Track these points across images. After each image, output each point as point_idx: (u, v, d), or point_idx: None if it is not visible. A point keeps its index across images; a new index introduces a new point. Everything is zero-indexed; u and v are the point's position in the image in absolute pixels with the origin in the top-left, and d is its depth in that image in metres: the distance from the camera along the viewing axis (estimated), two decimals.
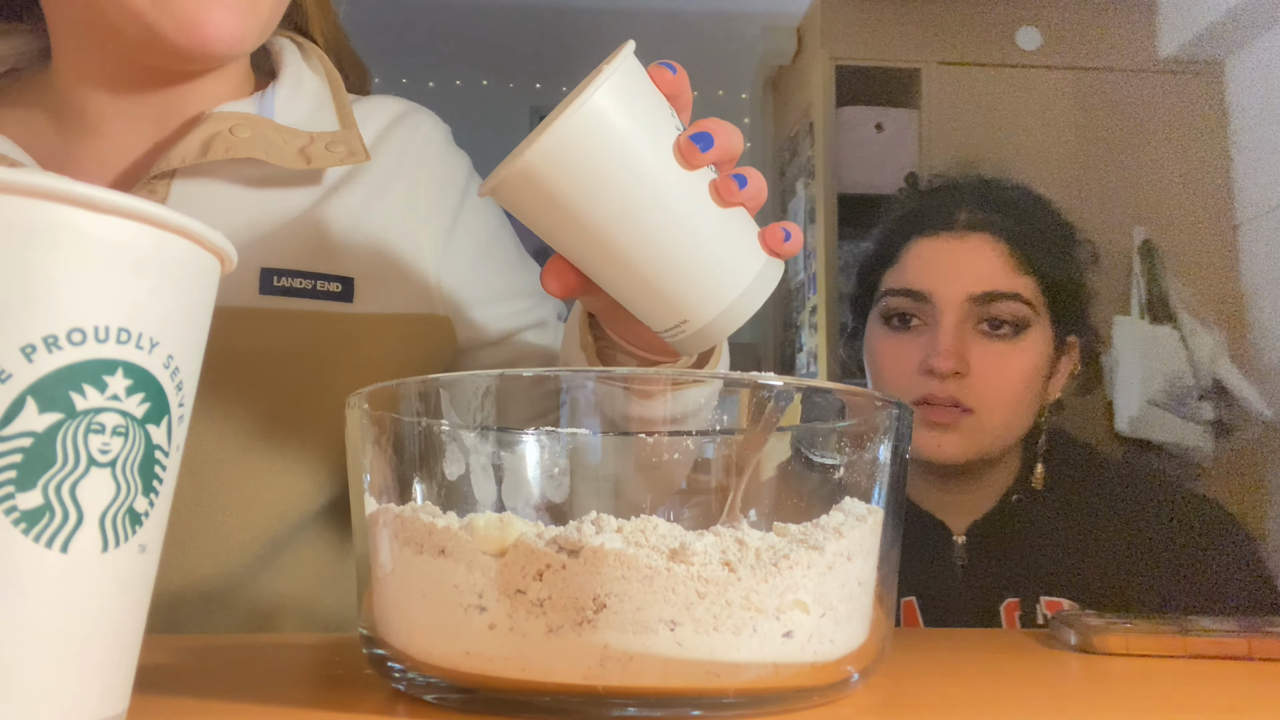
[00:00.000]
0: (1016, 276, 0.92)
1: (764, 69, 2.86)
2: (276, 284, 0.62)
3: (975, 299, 0.91)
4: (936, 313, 0.92)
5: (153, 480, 0.30)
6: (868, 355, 1.00)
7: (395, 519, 0.36)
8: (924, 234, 0.96)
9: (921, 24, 2.37)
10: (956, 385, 0.90)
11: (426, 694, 0.35)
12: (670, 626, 0.32)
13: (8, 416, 0.26)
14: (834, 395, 0.41)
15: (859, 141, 2.38)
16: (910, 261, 0.95)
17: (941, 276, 0.93)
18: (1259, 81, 2.26)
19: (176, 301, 0.30)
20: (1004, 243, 0.93)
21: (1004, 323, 0.92)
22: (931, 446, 0.92)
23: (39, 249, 0.26)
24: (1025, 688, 0.43)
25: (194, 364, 0.32)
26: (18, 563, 0.26)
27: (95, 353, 0.27)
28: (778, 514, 0.37)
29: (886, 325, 0.97)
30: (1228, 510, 0.96)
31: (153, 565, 0.31)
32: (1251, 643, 0.48)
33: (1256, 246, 2.28)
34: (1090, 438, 1.06)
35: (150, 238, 0.29)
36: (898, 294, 0.95)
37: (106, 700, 0.29)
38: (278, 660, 0.49)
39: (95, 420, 0.27)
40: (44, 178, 0.26)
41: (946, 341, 0.90)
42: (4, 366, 0.26)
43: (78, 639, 0.27)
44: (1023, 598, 0.91)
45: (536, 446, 0.41)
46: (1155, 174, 2.32)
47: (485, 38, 3.16)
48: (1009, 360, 0.92)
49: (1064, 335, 0.97)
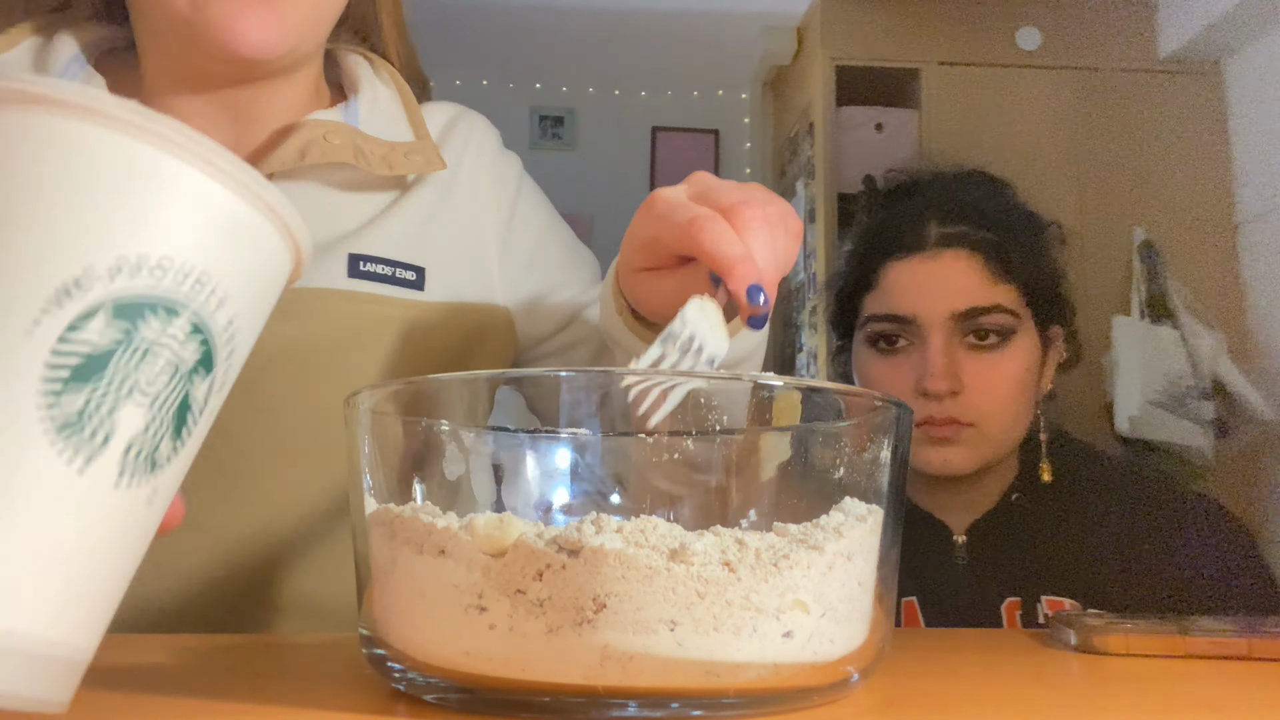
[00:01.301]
0: (995, 286, 0.92)
1: (764, 69, 2.87)
2: (362, 269, 0.67)
3: (959, 316, 0.91)
4: (923, 333, 0.92)
5: (181, 430, 0.30)
6: (859, 379, 1.00)
7: (395, 519, 0.36)
8: (897, 257, 0.95)
9: (921, 24, 2.37)
10: (953, 404, 0.90)
11: (426, 694, 0.35)
12: (670, 626, 0.32)
13: (79, 321, 0.27)
14: (834, 395, 0.41)
15: (859, 141, 2.38)
16: (889, 286, 0.95)
17: (922, 298, 0.93)
18: (1259, 81, 2.26)
19: (251, 276, 0.32)
20: (979, 255, 0.93)
21: (990, 332, 0.92)
22: (938, 462, 0.92)
23: (150, 188, 0.29)
24: (1025, 688, 0.43)
25: (247, 342, 0.33)
26: (38, 469, 0.27)
27: (172, 290, 0.29)
28: (778, 514, 0.37)
29: (874, 348, 0.97)
30: (1229, 510, 0.96)
31: (153, 524, 0.31)
32: (1251, 643, 0.48)
33: (1256, 246, 2.28)
34: (1090, 438, 1.06)
35: (250, 208, 0.31)
36: (881, 319, 0.95)
37: (65, 631, 0.29)
38: (278, 660, 0.49)
39: (151, 351, 0.29)
40: (179, 133, 0.29)
41: (937, 363, 0.90)
42: (92, 273, 0.28)
43: (60, 560, 0.28)
44: (1024, 597, 0.92)
45: (536, 446, 0.41)
46: (1155, 174, 2.32)
47: (485, 38, 3.16)
48: (1000, 370, 0.92)
49: (1047, 329, 0.97)
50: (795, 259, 0.48)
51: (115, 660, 0.46)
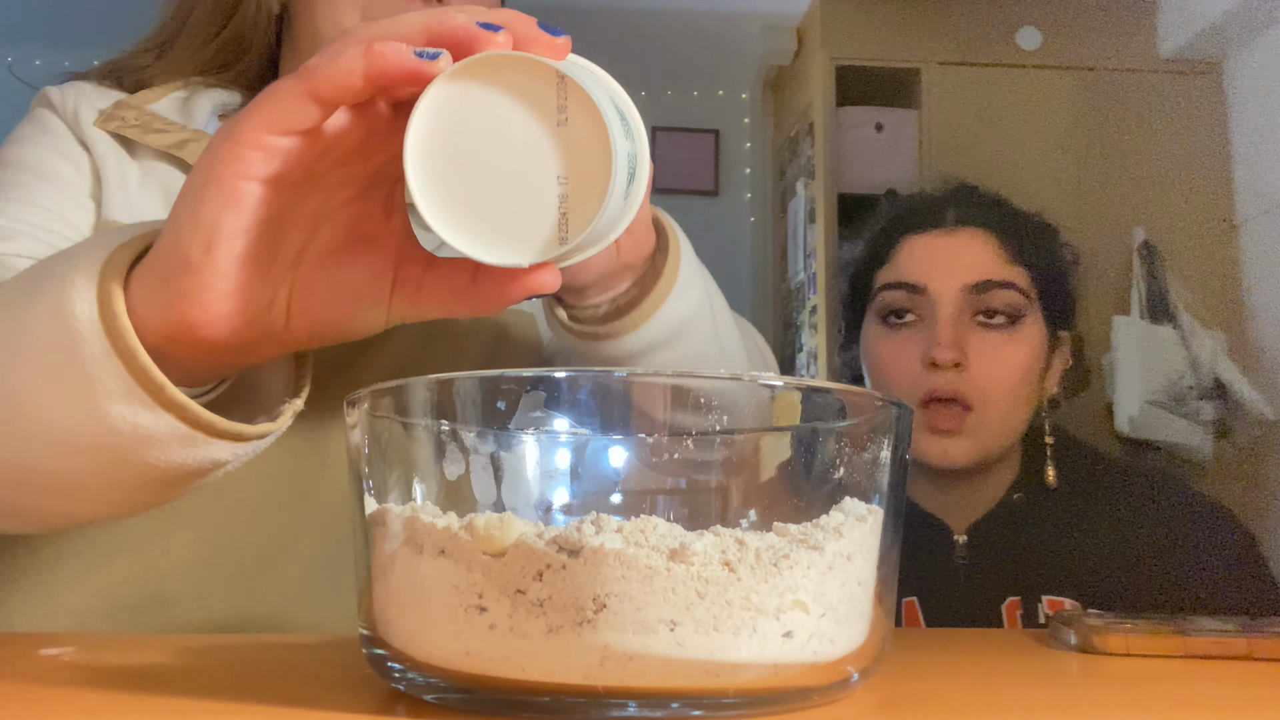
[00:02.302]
0: (1009, 266, 0.94)
1: (764, 69, 2.86)
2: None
3: (970, 289, 0.92)
4: (933, 305, 0.93)
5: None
6: (866, 357, 1.00)
7: (395, 519, 0.36)
8: (915, 232, 0.97)
9: (921, 24, 2.37)
10: (958, 377, 0.91)
11: (426, 694, 0.35)
12: (670, 626, 0.32)
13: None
14: (834, 395, 0.41)
15: (859, 141, 2.38)
16: (903, 258, 0.97)
17: (936, 269, 0.94)
18: (1259, 81, 2.26)
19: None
20: (994, 235, 0.95)
21: (999, 313, 0.93)
22: (937, 452, 0.92)
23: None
24: (1025, 688, 0.43)
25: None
26: None
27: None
28: (778, 514, 0.37)
29: (883, 324, 0.97)
30: (1229, 510, 0.96)
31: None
32: (1251, 643, 0.48)
33: (1256, 246, 2.27)
34: (1090, 437, 1.06)
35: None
36: (893, 288, 0.96)
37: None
38: (278, 660, 0.49)
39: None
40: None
41: (946, 332, 0.91)
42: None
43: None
44: (1024, 597, 0.92)
45: (536, 446, 0.41)
46: (1155, 174, 2.32)
47: None
48: (1006, 351, 0.93)
49: (1055, 330, 0.98)
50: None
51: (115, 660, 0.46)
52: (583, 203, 0.37)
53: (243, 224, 0.39)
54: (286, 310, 0.43)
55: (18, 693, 0.37)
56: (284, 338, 0.44)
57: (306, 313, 0.43)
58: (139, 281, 0.41)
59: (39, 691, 0.37)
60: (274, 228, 0.40)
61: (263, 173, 0.38)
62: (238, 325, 0.41)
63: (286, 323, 0.43)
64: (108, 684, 0.39)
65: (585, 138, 0.37)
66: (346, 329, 0.44)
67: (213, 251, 0.39)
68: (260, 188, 0.39)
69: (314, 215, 0.42)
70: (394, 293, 0.44)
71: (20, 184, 0.68)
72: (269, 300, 0.42)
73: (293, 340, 0.44)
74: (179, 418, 0.41)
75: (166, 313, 0.40)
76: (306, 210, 0.42)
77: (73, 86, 0.73)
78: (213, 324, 0.41)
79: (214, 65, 0.76)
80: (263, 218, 0.39)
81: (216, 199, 0.38)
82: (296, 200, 0.41)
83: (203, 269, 0.39)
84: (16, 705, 0.35)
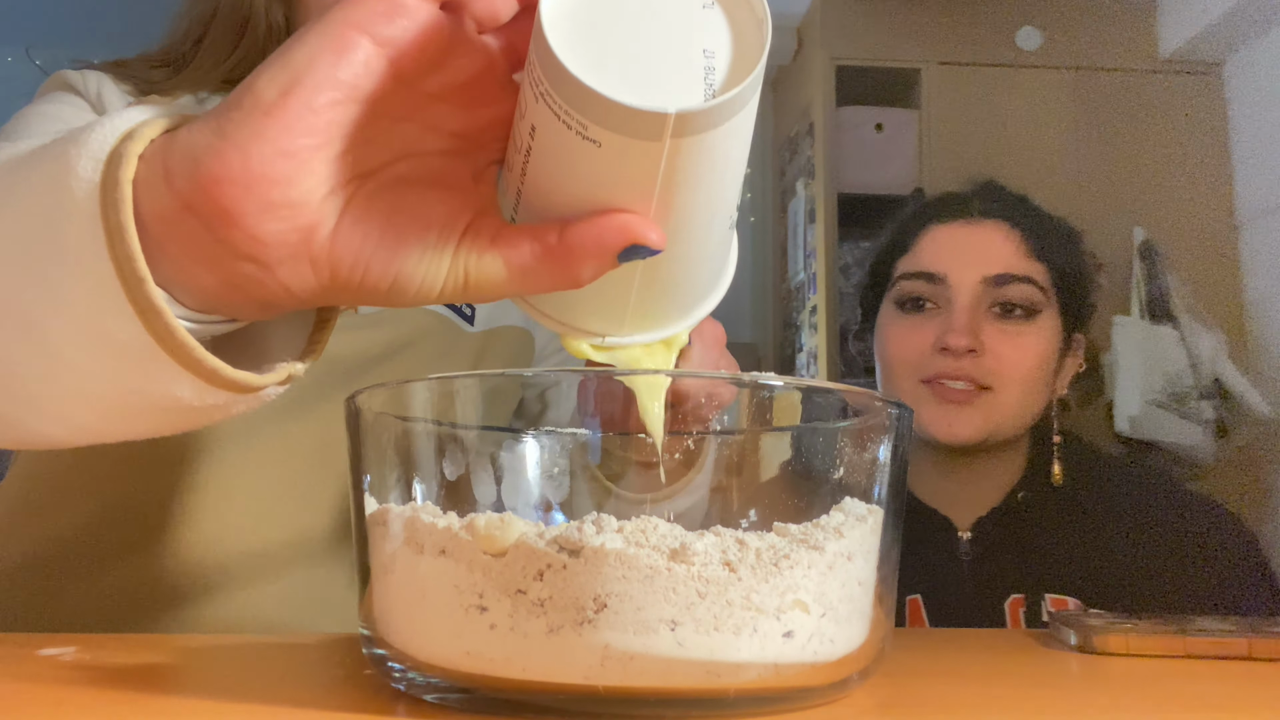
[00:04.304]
0: (1029, 261, 0.95)
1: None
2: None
3: (989, 281, 0.93)
4: (951, 294, 0.94)
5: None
6: (878, 342, 1.00)
7: (395, 519, 0.36)
8: (938, 221, 0.98)
9: (921, 24, 2.37)
10: (971, 363, 0.91)
11: (427, 694, 0.35)
12: (671, 626, 0.32)
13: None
14: (834, 395, 0.41)
15: (859, 141, 2.38)
16: (925, 246, 0.97)
17: (956, 259, 0.95)
18: (1259, 81, 2.26)
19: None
20: (1017, 230, 0.96)
21: (1016, 306, 0.93)
22: (942, 426, 0.92)
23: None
24: (1025, 688, 0.43)
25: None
26: None
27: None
28: (778, 514, 0.37)
29: (900, 310, 0.98)
30: (1230, 510, 0.96)
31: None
32: (1251, 643, 0.48)
33: (1256, 246, 2.27)
34: (1090, 437, 1.06)
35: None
36: (912, 277, 0.97)
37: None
38: (278, 660, 0.49)
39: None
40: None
41: (961, 319, 0.92)
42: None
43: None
44: (1028, 595, 0.92)
45: (536, 446, 0.41)
46: (1155, 174, 2.32)
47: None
48: (1020, 343, 0.93)
49: (1071, 331, 0.98)
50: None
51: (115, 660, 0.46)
52: (732, 70, 0.36)
53: (335, 77, 0.33)
54: (336, 221, 0.35)
55: (18, 693, 0.37)
56: (317, 256, 0.35)
57: (361, 228, 0.36)
58: (170, 143, 0.34)
59: (39, 691, 0.37)
60: (362, 117, 0.34)
61: (378, 31, 0.33)
62: (273, 202, 0.33)
63: (332, 238, 0.35)
64: (108, 684, 0.39)
65: (734, 18, 0.37)
66: (400, 270, 0.36)
67: (290, 96, 0.33)
68: (367, 51, 0.33)
69: (401, 144, 0.36)
70: (463, 239, 0.37)
71: (51, 115, 0.67)
72: (319, 193, 0.34)
73: (327, 266, 0.36)
74: (147, 327, 0.35)
75: (195, 167, 0.33)
76: (395, 135, 0.36)
77: (93, 73, 0.72)
78: (246, 187, 0.33)
79: (227, 82, 0.76)
80: (355, 91, 0.34)
81: (318, 40, 0.33)
82: (391, 111, 0.35)
83: (270, 112, 0.33)
84: (16, 705, 0.35)
